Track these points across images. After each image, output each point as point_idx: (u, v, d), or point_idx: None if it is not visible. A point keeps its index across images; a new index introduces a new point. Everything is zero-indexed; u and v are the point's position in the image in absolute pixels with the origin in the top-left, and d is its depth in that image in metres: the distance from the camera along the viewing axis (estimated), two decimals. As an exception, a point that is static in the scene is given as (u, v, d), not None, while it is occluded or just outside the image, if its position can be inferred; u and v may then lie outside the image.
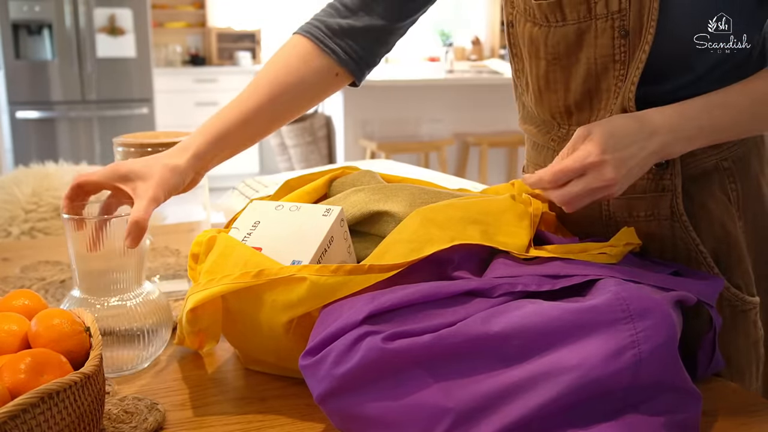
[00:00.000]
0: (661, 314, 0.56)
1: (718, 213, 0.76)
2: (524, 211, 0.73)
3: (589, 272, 0.65)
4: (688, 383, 0.57)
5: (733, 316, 0.77)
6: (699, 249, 0.76)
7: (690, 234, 0.76)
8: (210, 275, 0.66)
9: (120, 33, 4.81)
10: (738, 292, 0.76)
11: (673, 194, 0.75)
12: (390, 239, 0.69)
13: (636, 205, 0.77)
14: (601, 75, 0.74)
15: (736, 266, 0.77)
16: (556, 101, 0.79)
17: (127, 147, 0.88)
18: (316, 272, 0.63)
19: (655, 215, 0.77)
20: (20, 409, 0.49)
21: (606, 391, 0.55)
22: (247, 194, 1.19)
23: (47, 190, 1.69)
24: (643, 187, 0.76)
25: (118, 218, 0.72)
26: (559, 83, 0.78)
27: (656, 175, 0.75)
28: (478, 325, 0.56)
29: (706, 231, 0.76)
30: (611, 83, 0.74)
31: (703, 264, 0.76)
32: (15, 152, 4.68)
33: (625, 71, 0.72)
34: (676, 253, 0.77)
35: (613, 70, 0.73)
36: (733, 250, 0.76)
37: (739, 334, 0.77)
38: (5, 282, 1.03)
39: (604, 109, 0.75)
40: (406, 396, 0.56)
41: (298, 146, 4.32)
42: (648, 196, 0.76)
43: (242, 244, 0.69)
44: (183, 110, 5.59)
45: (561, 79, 0.78)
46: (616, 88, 0.74)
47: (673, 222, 0.76)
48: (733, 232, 0.76)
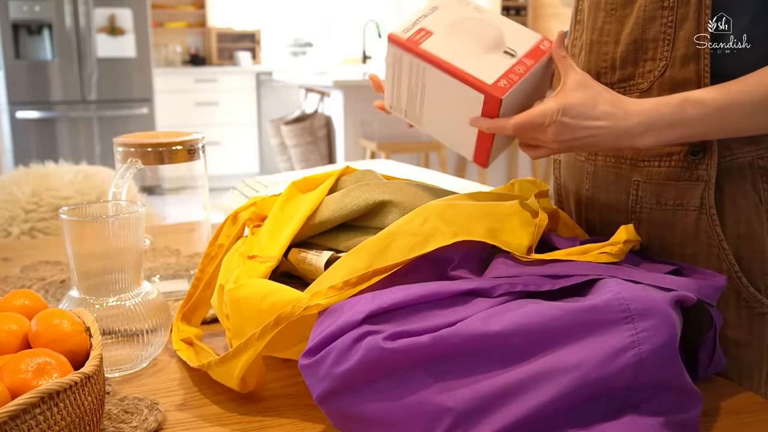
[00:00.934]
0: (661, 314, 0.56)
1: (747, 210, 0.75)
2: (530, 220, 0.73)
3: (589, 272, 0.65)
4: (688, 383, 0.57)
5: (750, 317, 0.76)
6: (722, 245, 0.75)
7: (715, 228, 0.75)
8: (238, 339, 0.67)
9: (120, 33, 4.81)
10: (757, 294, 0.75)
11: (706, 185, 0.75)
12: (394, 229, 0.69)
13: (666, 193, 0.77)
14: (648, 24, 0.75)
15: (758, 267, 0.76)
16: (605, 53, 0.80)
17: (127, 147, 0.88)
18: (327, 296, 0.63)
19: (683, 205, 0.76)
20: (20, 409, 0.49)
21: (606, 391, 0.55)
22: (247, 194, 1.19)
23: (47, 190, 1.69)
24: (677, 174, 0.76)
25: (118, 218, 0.72)
26: (611, 35, 0.79)
27: (691, 164, 0.75)
28: (478, 325, 0.56)
29: (732, 227, 0.75)
30: (659, 31, 0.74)
31: (724, 261, 0.75)
32: (15, 152, 4.68)
33: (674, 18, 0.73)
34: (698, 247, 0.76)
35: (661, 18, 0.74)
36: (757, 249, 0.76)
37: (754, 337, 0.76)
38: (5, 282, 1.03)
39: (652, 59, 0.76)
40: (406, 396, 0.56)
41: (298, 146, 4.32)
42: (681, 184, 0.76)
43: (247, 285, 0.69)
44: (183, 110, 5.59)
45: (614, 30, 0.79)
46: (665, 36, 0.74)
47: (701, 214, 0.75)
48: (758, 232, 0.75)
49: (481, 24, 0.76)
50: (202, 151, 0.94)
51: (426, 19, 0.74)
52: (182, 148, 0.90)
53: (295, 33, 6.24)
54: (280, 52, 6.26)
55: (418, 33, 0.73)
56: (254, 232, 0.81)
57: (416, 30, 0.73)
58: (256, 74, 5.78)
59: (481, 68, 0.71)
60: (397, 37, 0.73)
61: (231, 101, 5.74)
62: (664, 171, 0.77)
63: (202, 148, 0.93)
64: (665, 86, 0.75)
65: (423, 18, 0.75)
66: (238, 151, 5.80)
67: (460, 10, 0.77)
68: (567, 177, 0.91)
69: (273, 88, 5.82)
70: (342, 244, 0.77)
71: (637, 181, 0.79)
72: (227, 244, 0.82)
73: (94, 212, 0.76)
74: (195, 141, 0.91)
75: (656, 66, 0.75)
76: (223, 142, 5.71)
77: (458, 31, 0.75)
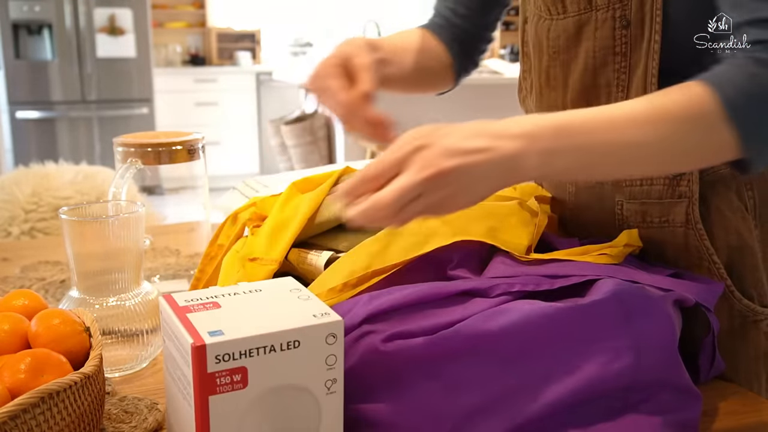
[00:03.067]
0: (660, 314, 0.56)
1: (734, 221, 0.74)
2: (530, 220, 0.73)
3: (587, 272, 0.64)
4: (688, 383, 0.57)
5: (743, 326, 0.75)
6: (712, 259, 0.74)
7: (704, 243, 0.74)
8: None
9: (120, 33, 4.81)
10: (750, 303, 0.75)
11: (689, 201, 0.73)
12: (393, 229, 0.68)
13: (650, 211, 0.76)
14: (600, 69, 0.73)
15: (750, 275, 0.75)
16: (555, 99, 0.79)
17: (127, 147, 0.88)
18: (326, 298, 0.64)
19: (669, 222, 0.75)
20: (20, 409, 0.49)
21: (606, 391, 0.55)
22: (247, 194, 1.19)
23: (47, 190, 1.69)
24: (659, 192, 0.75)
25: (118, 218, 0.72)
26: (558, 79, 0.78)
27: (672, 181, 0.74)
28: (477, 326, 0.56)
29: (721, 239, 0.74)
30: (611, 77, 0.73)
31: (715, 275, 0.74)
32: (15, 152, 4.68)
33: (627, 64, 0.71)
34: (689, 261, 0.75)
35: (614, 63, 0.72)
36: (748, 259, 0.75)
37: (749, 345, 0.76)
38: (5, 282, 1.03)
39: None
40: (405, 398, 0.56)
41: (298, 146, 4.32)
42: (664, 203, 0.75)
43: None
44: (183, 110, 5.59)
45: (560, 75, 0.77)
46: (618, 82, 0.72)
47: (688, 230, 0.74)
48: (748, 241, 0.75)
49: None
50: (202, 151, 0.94)
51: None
52: (182, 148, 0.90)
53: (295, 33, 6.24)
54: (280, 52, 6.25)
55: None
56: (254, 233, 0.81)
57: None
58: (256, 74, 5.77)
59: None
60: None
61: (231, 101, 5.74)
62: (646, 190, 0.75)
63: (202, 148, 0.93)
64: None
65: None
66: (238, 151, 5.79)
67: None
68: (550, 192, 0.90)
69: (273, 88, 5.82)
70: (342, 244, 0.77)
71: (621, 200, 0.78)
72: (227, 244, 0.82)
73: (94, 212, 0.76)
74: (195, 141, 0.91)
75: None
76: (223, 142, 5.71)
77: None
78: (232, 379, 0.48)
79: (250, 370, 0.49)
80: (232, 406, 0.49)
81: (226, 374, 0.48)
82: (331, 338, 0.51)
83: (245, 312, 0.52)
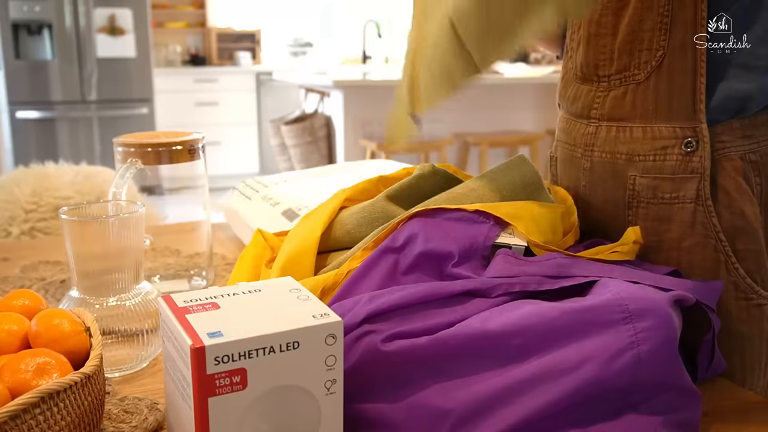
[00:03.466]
0: (660, 314, 0.56)
1: (741, 204, 0.76)
2: (557, 217, 0.76)
3: (588, 273, 0.65)
4: (688, 383, 0.57)
5: (747, 308, 0.77)
6: (719, 236, 0.76)
7: (711, 220, 0.76)
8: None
9: (120, 33, 4.81)
10: (754, 285, 0.76)
11: (701, 177, 0.75)
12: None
13: (663, 186, 0.78)
14: (645, 14, 0.76)
15: (754, 259, 0.77)
16: (603, 46, 0.81)
17: (127, 147, 0.88)
18: (361, 258, 0.68)
19: (680, 197, 0.77)
20: (20, 409, 0.49)
21: (606, 392, 0.55)
22: (247, 194, 1.19)
23: (47, 190, 1.69)
24: (671, 167, 0.77)
25: (118, 218, 0.72)
26: (608, 27, 0.80)
27: (685, 157, 0.76)
28: (477, 326, 0.56)
29: (728, 219, 0.76)
30: (655, 21, 0.75)
31: (721, 252, 0.76)
32: (15, 152, 4.69)
33: (670, 6, 0.73)
34: (695, 239, 0.77)
35: (659, 7, 0.74)
36: (752, 242, 0.76)
37: (753, 329, 0.77)
38: (5, 282, 1.03)
39: (648, 50, 0.76)
40: (405, 398, 0.56)
41: (298, 146, 4.32)
42: (677, 177, 0.77)
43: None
44: (183, 110, 5.59)
45: (611, 22, 0.80)
46: (662, 25, 0.75)
47: (697, 205, 0.76)
48: (753, 225, 0.76)
49: None
50: (202, 151, 0.94)
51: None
52: (182, 148, 0.90)
53: (295, 33, 6.24)
54: (280, 52, 6.26)
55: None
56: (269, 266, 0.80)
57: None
58: (256, 74, 5.78)
59: None
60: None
61: (231, 101, 5.74)
62: (659, 165, 0.77)
63: (202, 148, 0.93)
64: (662, 77, 0.75)
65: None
66: (238, 151, 5.80)
67: None
68: (563, 173, 0.91)
69: (273, 88, 5.82)
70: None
71: (634, 175, 0.80)
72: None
73: (94, 212, 0.76)
74: (195, 141, 0.91)
75: (653, 56, 0.76)
76: (223, 142, 5.71)
77: None
78: (232, 381, 0.48)
79: (249, 372, 0.49)
80: (231, 407, 0.49)
81: (225, 375, 0.48)
82: (330, 339, 0.51)
83: (244, 313, 0.52)
